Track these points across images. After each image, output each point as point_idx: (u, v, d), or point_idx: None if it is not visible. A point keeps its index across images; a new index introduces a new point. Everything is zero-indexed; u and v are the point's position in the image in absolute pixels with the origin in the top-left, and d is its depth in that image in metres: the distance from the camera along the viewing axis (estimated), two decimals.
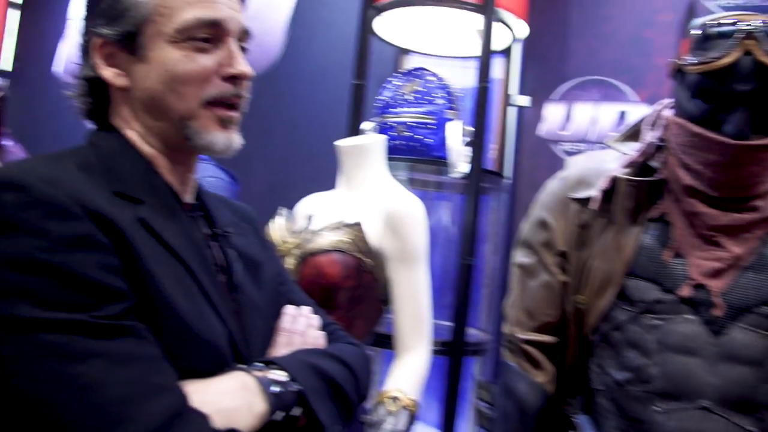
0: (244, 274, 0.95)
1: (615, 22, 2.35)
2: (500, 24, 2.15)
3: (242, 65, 0.85)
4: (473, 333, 2.17)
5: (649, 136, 1.38)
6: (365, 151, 1.69)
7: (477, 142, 1.92)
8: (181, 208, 0.88)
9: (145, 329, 0.71)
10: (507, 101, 2.38)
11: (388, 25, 2.36)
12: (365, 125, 2.13)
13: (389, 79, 2.13)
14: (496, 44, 2.31)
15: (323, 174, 1.94)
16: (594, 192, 1.38)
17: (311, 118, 2.88)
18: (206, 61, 0.83)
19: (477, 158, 1.91)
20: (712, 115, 1.23)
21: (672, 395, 1.20)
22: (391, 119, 2.05)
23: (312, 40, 2.93)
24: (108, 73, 0.84)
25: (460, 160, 1.86)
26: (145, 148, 0.86)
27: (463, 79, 2.37)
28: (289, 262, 1.61)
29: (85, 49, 0.87)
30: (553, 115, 2.38)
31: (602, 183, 1.37)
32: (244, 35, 0.89)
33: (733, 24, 1.19)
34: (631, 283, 1.32)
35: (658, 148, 1.37)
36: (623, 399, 1.28)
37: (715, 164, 1.24)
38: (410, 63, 2.58)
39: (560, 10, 2.42)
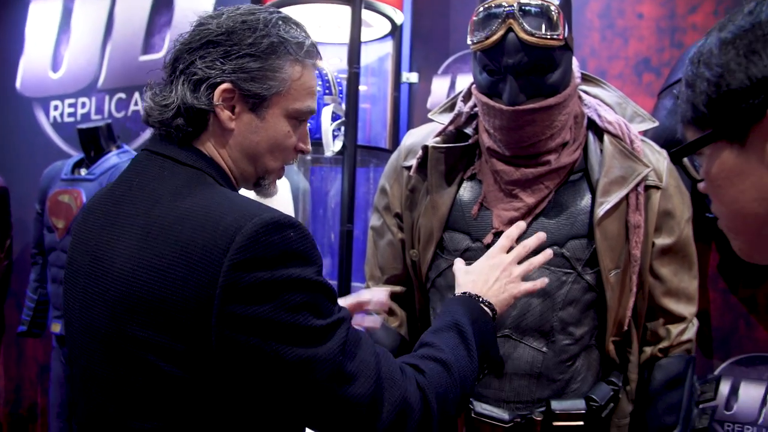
0: None
1: None
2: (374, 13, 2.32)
3: (309, 144, 1.13)
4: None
5: (460, 106, 1.58)
6: None
7: (349, 122, 2.11)
8: None
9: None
10: (397, 80, 2.56)
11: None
12: None
13: None
14: (379, 30, 2.49)
15: None
16: (414, 160, 1.59)
17: None
18: (295, 138, 1.08)
19: (350, 136, 2.11)
20: (495, 86, 1.42)
21: None
22: None
23: None
24: (225, 115, 1.00)
25: (333, 139, 2.06)
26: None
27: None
28: None
29: (202, 83, 0.99)
30: (439, 88, 2.57)
31: (419, 151, 1.58)
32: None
33: (499, 6, 1.37)
34: (447, 235, 1.54)
35: (473, 116, 1.57)
36: None
37: (500, 128, 1.44)
38: None
39: None
